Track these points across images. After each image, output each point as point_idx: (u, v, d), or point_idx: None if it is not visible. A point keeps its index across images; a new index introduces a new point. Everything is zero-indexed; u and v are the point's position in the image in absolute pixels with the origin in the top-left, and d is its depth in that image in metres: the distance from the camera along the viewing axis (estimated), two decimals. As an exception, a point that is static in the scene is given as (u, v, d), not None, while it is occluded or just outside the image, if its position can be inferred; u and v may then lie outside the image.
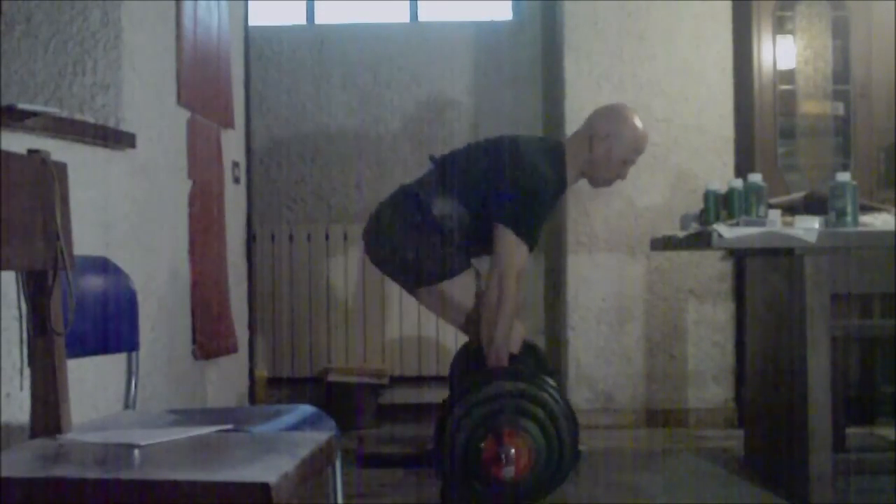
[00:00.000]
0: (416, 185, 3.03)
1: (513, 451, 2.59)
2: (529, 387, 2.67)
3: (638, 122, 3.05)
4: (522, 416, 2.63)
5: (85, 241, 2.22)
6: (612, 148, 3.01)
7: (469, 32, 4.72)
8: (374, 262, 3.09)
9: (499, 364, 2.85)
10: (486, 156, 2.99)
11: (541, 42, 4.71)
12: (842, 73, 4.29)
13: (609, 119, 3.04)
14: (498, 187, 2.89)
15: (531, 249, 2.92)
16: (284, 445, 1.54)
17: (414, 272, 2.96)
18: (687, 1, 4.27)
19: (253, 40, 4.13)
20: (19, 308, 1.66)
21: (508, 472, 2.59)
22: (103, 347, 2.08)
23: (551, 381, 2.74)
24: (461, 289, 2.95)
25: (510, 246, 2.85)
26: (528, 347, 3.15)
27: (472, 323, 2.96)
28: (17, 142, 2.10)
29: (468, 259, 2.98)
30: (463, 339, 3.89)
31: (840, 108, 4.31)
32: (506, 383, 2.67)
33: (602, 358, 4.26)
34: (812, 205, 3.07)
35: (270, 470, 1.34)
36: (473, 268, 3.00)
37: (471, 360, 3.03)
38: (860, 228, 2.85)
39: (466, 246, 2.96)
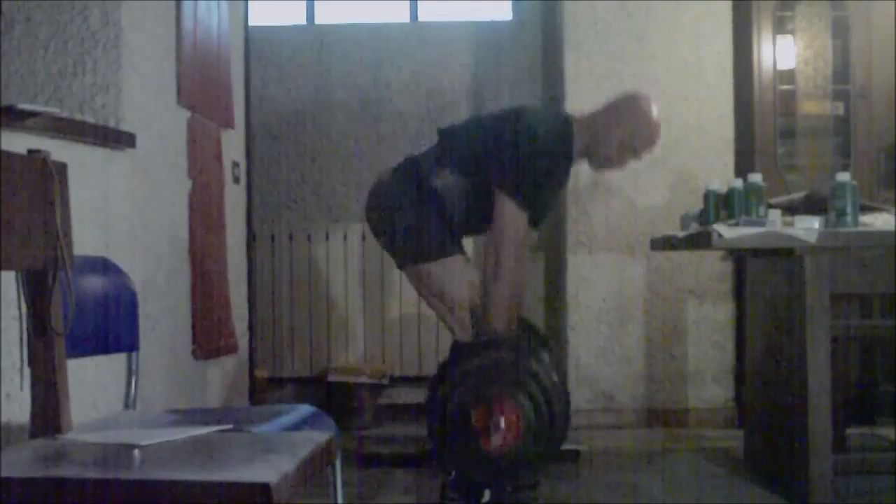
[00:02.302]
0: (422, 156, 2.99)
1: (502, 420, 2.57)
2: (523, 359, 2.64)
3: (656, 116, 2.98)
4: (514, 387, 2.60)
5: (85, 241, 2.22)
6: (623, 133, 2.93)
7: (469, 32, 4.72)
8: (371, 228, 3.06)
9: (497, 331, 2.80)
10: (491, 125, 2.93)
11: (541, 42, 4.71)
12: (842, 73, 4.29)
13: (629, 103, 2.97)
14: (500, 155, 2.83)
15: (535, 224, 2.86)
16: (284, 445, 1.54)
17: (405, 246, 2.91)
18: (687, 1, 4.27)
19: (253, 40, 4.13)
20: (19, 308, 1.66)
21: (496, 440, 2.57)
22: (103, 347, 2.08)
23: (546, 356, 2.70)
24: (448, 275, 2.88)
25: (509, 214, 2.79)
26: (525, 324, 3.13)
27: (456, 318, 2.92)
28: (17, 142, 2.10)
29: (460, 244, 2.92)
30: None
31: (840, 108, 4.30)
32: (500, 353, 2.64)
33: (602, 358, 4.26)
34: (812, 205, 3.07)
35: (270, 470, 1.34)
36: (466, 256, 2.97)
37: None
38: (860, 228, 2.85)
39: (464, 221, 2.91)
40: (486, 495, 2.94)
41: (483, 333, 2.82)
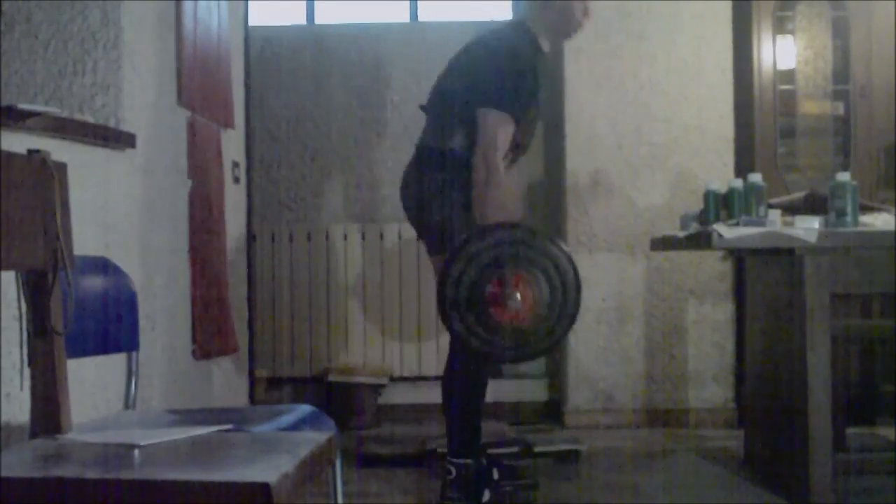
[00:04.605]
0: (425, 137, 3.06)
1: (518, 295, 2.59)
2: (537, 237, 2.67)
3: None
4: (528, 263, 2.62)
5: (85, 241, 2.22)
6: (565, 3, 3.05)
7: (469, 32, 4.69)
8: (408, 219, 3.11)
9: None
10: (459, 66, 3.06)
11: (541, 42, 4.70)
12: (842, 73, 4.29)
13: None
14: (474, 81, 2.93)
15: (517, 121, 2.89)
16: (284, 445, 1.54)
17: (435, 236, 2.97)
18: (687, 1, 4.27)
19: (253, 40, 4.13)
20: (19, 308, 1.66)
21: (513, 304, 2.59)
22: (103, 347, 2.08)
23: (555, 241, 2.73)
24: None
25: (492, 121, 2.85)
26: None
27: None
28: (17, 142, 2.10)
29: None
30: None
31: (840, 108, 4.31)
32: (514, 232, 2.67)
33: (602, 358, 4.26)
34: (812, 205, 3.07)
35: (270, 470, 1.34)
36: None
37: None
38: (860, 228, 2.85)
39: None
40: (486, 495, 2.95)
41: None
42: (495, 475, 3.01)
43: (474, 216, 2.83)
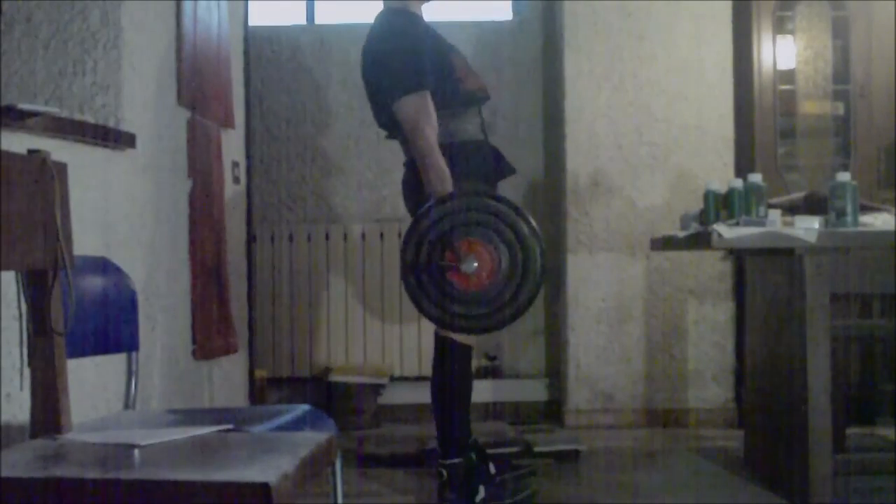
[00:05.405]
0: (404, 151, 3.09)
1: (475, 264, 2.61)
2: (481, 200, 2.68)
3: None
4: (476, 227, 2.64)
5: (85, 241, 2.22)
6: None
7: (469, 32, 4.72)
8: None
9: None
10: (365, 82, 3.05)
11: (541, 42, 4.71)
12: (842, 73, 4.29)
13: None
14: (377, 85, 2.95)
15: (428, 87, 2.88)
16: (284, 445, 1.54)
17: None
18: (687, 1, 4.27)
19: (253, 40, 4.13)
20: (19, 308, 1.66)
21: (467, 268, 2.61)
22: (103, 347, 2.08)
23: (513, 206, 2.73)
24: None
25: (405, 109, 2.86)
26: None
27: None
28: (17, 142, 2.11)
29: None
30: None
31: (840, 108, 4.31)
32: (467, 199, 2.69)
33: (602, 358, 4.26)
34: (812, 205, 3.07)
35: (270, 470, 1.34)
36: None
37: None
38: (860, 228, 2.85)
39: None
40: (481, 492, 2.94)
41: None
42: (492, 469, 3.01)
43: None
